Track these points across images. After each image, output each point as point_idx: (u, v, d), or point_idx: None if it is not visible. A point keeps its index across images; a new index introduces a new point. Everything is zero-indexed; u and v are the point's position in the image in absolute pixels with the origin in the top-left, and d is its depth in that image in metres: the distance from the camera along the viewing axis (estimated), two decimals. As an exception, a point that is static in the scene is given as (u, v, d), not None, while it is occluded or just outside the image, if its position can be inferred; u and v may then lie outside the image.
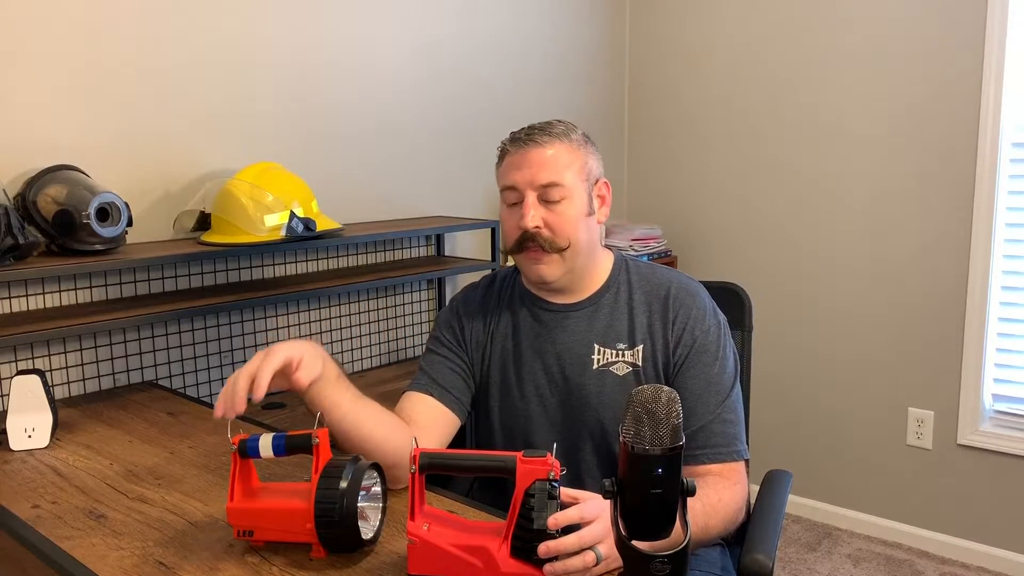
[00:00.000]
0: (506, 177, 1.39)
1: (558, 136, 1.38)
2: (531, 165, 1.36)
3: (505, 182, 1.39)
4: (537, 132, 1.38)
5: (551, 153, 1.36)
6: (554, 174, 1.35)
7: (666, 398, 0.87)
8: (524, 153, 1.37)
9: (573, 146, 1.39)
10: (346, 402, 1.22)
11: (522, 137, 1.38)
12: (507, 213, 1.40)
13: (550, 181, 1.35)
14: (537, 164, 1.35)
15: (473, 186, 2.74)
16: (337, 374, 1.23)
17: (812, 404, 3.01)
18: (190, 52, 2.00)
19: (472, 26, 2.67)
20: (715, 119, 3.11)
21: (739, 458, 1.35)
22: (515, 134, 1.40)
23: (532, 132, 1.38)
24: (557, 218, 1.36)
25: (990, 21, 2.49)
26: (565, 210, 1.36)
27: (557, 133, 1.38)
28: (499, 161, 1.43)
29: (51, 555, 1.07)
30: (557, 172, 1.35)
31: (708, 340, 1.38)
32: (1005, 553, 2.65)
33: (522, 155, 1.37)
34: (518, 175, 1.36)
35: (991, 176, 2.55)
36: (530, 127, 1.40)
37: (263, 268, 2.16)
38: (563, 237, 1.36)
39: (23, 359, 1.77)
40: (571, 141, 1.39)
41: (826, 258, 2.92)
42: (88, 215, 1.67)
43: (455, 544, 1.00)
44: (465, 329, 1.48)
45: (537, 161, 1.36)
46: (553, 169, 1.35)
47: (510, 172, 1.38)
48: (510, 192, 1.38)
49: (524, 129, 1.40)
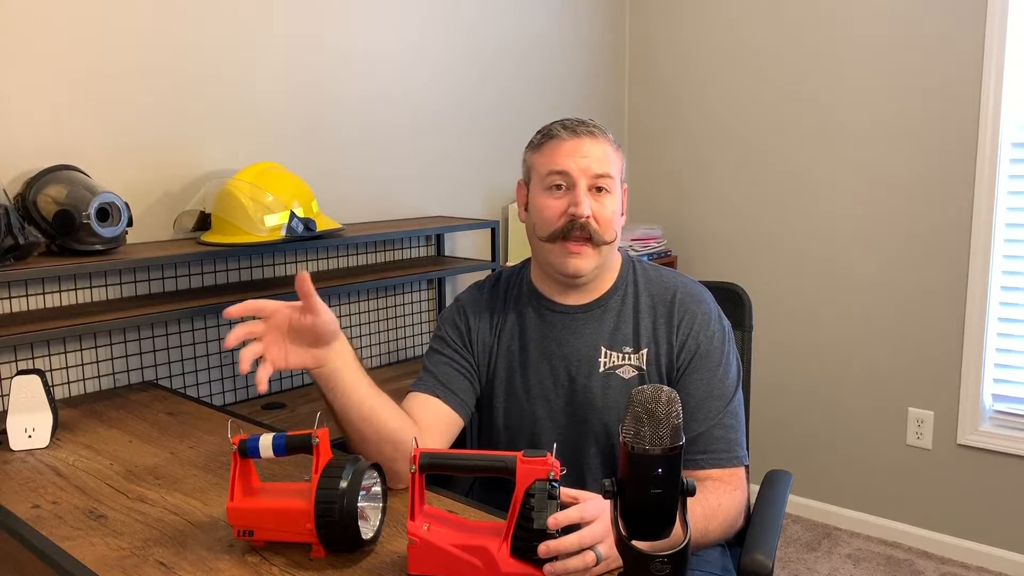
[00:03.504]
0: (556, 162, 1.36)
1: (604, 132, 1.40)
2: (587, 155, 1.35)
3: (554, 166, 1.36)
4: (589, 124, 1.39)
5: (602, 147, 1.37)
6: (608, 166, 1.36)
7: (666, 398, 0.87)
8: (578, 141, 1.36)
9: (613, 146, 1.41)
10: (364, 387, 1.23)
11: (574, 126, 1.38)
12: (548, 199, 1.37)
13: (604, 172, 1.36)
14: (591, 154, 1.36)
15: (473, 186, 2.74)
16: (356, 358, 1.24)
17: (812, 404, 3.01)
18: (190, 52, 2.00)
19: (472, 27, 2.67)
20: (715, 119, 3.11)
21: (739, 464, 1.35)
22: (564, 121, 1.40)
23: (583, 123, 1.39)
24: (604, 211, 1.36)
25: (990, 21, 2.49)
26: (610, 204, 1.37)
27: (603, 129, 1.40)
28: (538, 145, 1.41)
29: (51, 555, 1.07)
30: (608, 166, 1.37)
31: (712, 346, 1.38)
32: (1005, 553, 2.65)
33: (576, 143, 1.36)
34: (571, 162, 1.35)
35: (991, 176, 2.55)
36: (575, 119, 1.40)
37: (263, 268, 2.16)
38: (610, 231, 1.37)
39: (23, 359, 1.77)
40: (611, 141, 1.41)
41: (826, 258, 2.92)
42: (88, 215, 1.67)
43: (455, 544, 1.00)
44: (472, 330, 1.48)
45: (591, 152, 1.36)
46: (607, 162, 1.36)
47: (560, 157, 1.36)
48: (557, 177, 1.36)
49: (572, 119, 1.40)
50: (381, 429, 1.23)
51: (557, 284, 1.44)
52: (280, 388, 2.23)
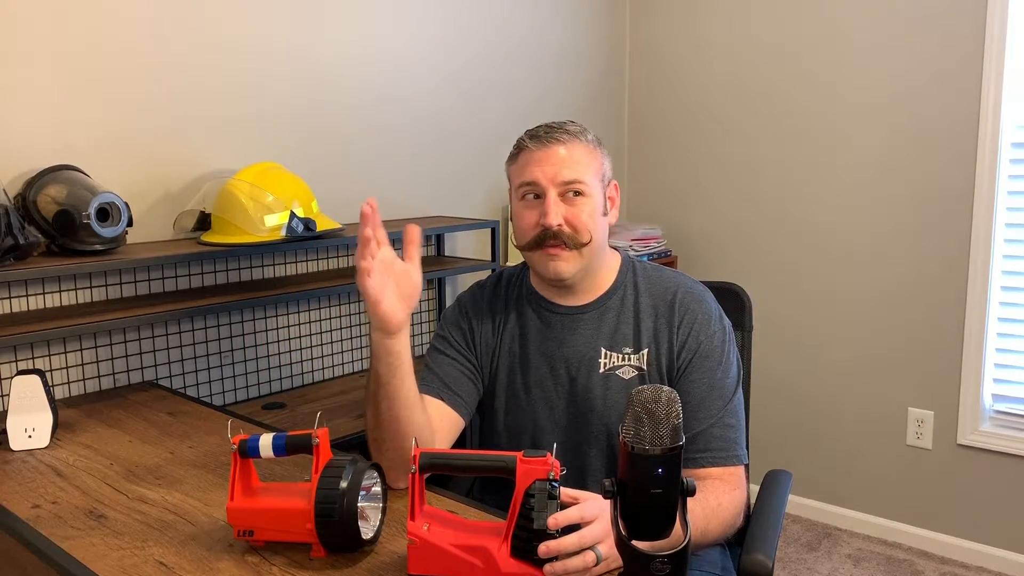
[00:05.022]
0: (525, 173, 1.38)
1: (576, 135, 1.39)
2: (554, 163, 1.35)
3: (524, 178, 1.38)
4: (557, 130, 1.38)
5: (573, 152, 1.37)
6: (577, 172, 1.36)
7: (666, 398, 0.87)
8: (546, 150, 1.37)
9: (590, 146, 1.40)
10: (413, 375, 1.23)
11: (542, 135, 1.38)
12: (523, 209, 1.39)
13: (573, 179, 1.36)
14: (560, 162, 1.36)
15: (473, 186, 2.74)
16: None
17: (812, 404, 3.01)
18: (190, 52, 2.00)
19: (471, 28, 2.67)
20: (715, 119, 3.11)
21: (739, 463, 1.35)
22: (534, 131, 1.40)
23: (553, 130, 1.38)
24: (578, 215, 1.36)
25: (990, 21, 2.49)
26: (585, 207, 1.36)
27: (575, 132, 1.39)
28: (514, 157, 1.42)
29: (51, 555, 1.07)
30: (579, 170, 1.36)
31: (713, 345, 1.38)
32: (1005, 553, 2.65)
33: (544, 152, 1.37)
34: (539, 172, 1.36)
35: (991, 176, 2.55)
36: (548, 125, 1.40)
37: (263, 268, 2.16)
38: (584, 232, 1.36)
39: (23, 359, 1.77)
40: (588, 141, 1.40)
41: (826, 258, 2.92)
42: (88, 215, 1.67)
43: (455, 544, 1.00)
44: (475, 331, 1.48)
45: (560, 159, 1.36)
46: (576, 167, 1.36)
47: (530, 168, 1.37)
48: (528, 188, 1.38)
49: (543, 127, 1.40)
50: (420, 417, 1.24)
51: (552, 287, 1.44)
52: (280, 388, 2.23)
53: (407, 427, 1.22)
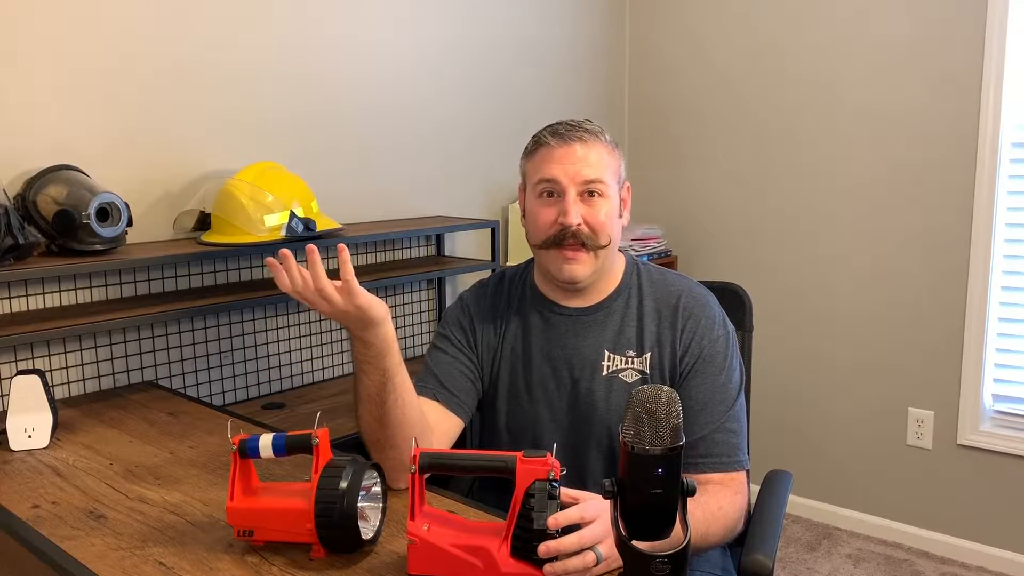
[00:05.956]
0: (544, 170, 1.36)
1: (597, 135, 1.38)
2: (575, 161, 1.34)
3: (543, 175, 1.36)
4: (578, 129, 1.37)
5: (593, 151, 1.35)
6: (598, 171, 1.35)
7: (666, 398, 0.87)
8: (567, 148, 1.35)
9: (609, 147, 1.39)
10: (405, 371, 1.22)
11: (564, 132, 1.36)
12: (540, 207, 1.37)
13: (595, 178, 1.34)
14: (582, 160, 1.34)
15: (473, 186, 2.74)
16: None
17: (812, 404, 3.00)
18: (191, 53, 2.00)
19: (471, 28, 2.67)
20: (715, 119, 3.11)
21: (740, 468, 1.35)
22: (554, 127, 1.38)
23: (573, 128, 1.37)
24: (596, 215, 1.35)
25: (990, 21, 2.49)
26: (603, 208, 1.35)
27: (595, 132, 1.38)
28: (531, 152, 1.40)
29: (51, 555, 1.07)
30: (599, 170, 1.35)
31: (716, 350, 1.38)
32: (1005, 553, 2.65)
33: (564, 150, 1.35)
34: (560, 169, 1.34)
35: (991, 176, 2.55)
36: (568, 123, 1.38)
37: (263, 268, 2.16)
38: (604, 235, 1.36)
39: (23, 359, 1.77)
40: (607, 142, 1.39)
41: (826, 258, 2.92)
42: (88, 215, 1.67)
43: (455, 544, 1.00)
44: (476, 330, 1.47)
45: (581, 157, 1.34)
46: (597, 166, 1.35)
47: (549, 165, 1.35)
48: (547, 185, 1.36)
49: (563, 123, 1.38)
50: (408, 409, 1.22)
51: (558, 288, 1.44)
52: (280, 388, 2.23)
53: (409, 428, 1.22)
